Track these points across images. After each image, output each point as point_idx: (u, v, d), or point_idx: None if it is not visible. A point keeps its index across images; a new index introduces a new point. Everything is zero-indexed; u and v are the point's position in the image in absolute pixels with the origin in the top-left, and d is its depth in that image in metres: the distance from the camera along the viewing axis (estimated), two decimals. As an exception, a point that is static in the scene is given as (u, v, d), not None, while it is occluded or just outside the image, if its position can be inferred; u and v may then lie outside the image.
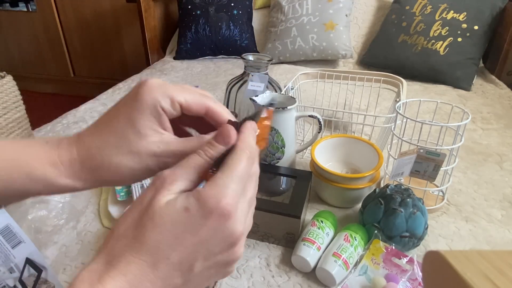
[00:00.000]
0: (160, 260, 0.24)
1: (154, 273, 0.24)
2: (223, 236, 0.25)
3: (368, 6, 1.80)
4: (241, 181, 0.26)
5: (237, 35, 1.76)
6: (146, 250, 0.24)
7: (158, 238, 0.24)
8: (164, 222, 0.24)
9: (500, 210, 0.76)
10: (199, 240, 0.25)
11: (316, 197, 0.79)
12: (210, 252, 0.25)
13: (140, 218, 0.25)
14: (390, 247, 0.61)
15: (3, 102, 0.71)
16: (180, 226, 0.24)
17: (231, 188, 0.25)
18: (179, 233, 0.24)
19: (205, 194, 0.25)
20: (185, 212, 0.24)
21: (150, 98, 0.29)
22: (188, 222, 0.24)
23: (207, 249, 0.25)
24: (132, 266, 0.24)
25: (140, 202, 0.26)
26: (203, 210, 0.24)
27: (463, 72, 1.44)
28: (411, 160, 0.71)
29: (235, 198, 0.25)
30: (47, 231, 0.70)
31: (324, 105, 1.21)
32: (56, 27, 2.41)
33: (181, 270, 0.25)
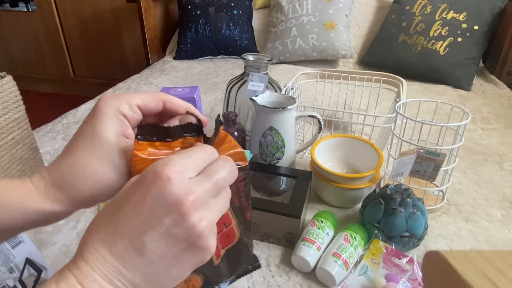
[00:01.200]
0: (110, 235, 0.24)
1: (107, 250, 0.24)
2: (166, 203, 0.24)
3: (368, 6, 1.80)
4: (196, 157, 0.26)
5: (237, 35, 1.76)
6: (98, 229, 0.25)
7: (107, 214, 0.25)
8: (115, 199, 0.26)
9: (500, 210, 0.76)
10: (141, 209, 0.24)
11: (316, 197, 0.79)
12: (159, 224, 0.24)
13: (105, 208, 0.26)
14: (390, 247, 0.61)
15: (3, 102, 0.71)
16: (125, 198, 0.25)
17: (177, 159, 0.25)
18: (123, 205, 0.25)
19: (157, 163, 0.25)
20: (131, 184, 0.25)
21: (109, 107, 0.30)
22: (131, 193, 0.25)
23: (153, 219, 0.24)
24: (89, 246, 0.24)
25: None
26: (143, 177, 0.25)
27: (463, 72, 1.44)
28: (411, 160, 0.71)
29: (179, 166, 0.24)
30: (47, 231, 0.70)
31: (324, 105, 1.21)
32: (56, 27, 2.41)
33: (134, 247, 0.24)
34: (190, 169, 0.25)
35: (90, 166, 0.29)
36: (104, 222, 0.25)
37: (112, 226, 0.24)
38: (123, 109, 0.30)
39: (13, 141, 0.74)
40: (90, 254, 0.24)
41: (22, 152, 0.77)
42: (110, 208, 0.25)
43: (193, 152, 0.27)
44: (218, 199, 0.27)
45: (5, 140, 0.72)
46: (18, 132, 0.75)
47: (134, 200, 0.24)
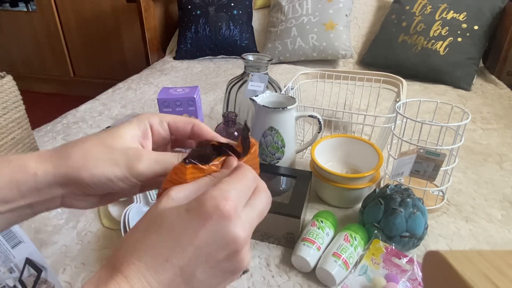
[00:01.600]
0: (160, 263, 0.24)
1: (154, 277, 0.24)
2: (224, 241, 0.24)
3: (368, 6, 1.80)
4: (245, 187, 0.26)
5: (237, 35, 1.76)
6: (145, 252, 0.24)
7: (157, 239, 0.24)
8: (165, 224, 0.24)
9: (500, 210, 0.76)
10: (199, 243, 0.24)
11: (316, 197, 0.79)
12: (213, 258, 0.25)
13: (145, 222, 0.26)
14: (390, 247, 0.61)
15: (3, 102, 0.71)
16: (180, 228, 0.24)
17: (233, 191, 0.25)
18: (179, 235, 0.24)
19: (205, 195, 0.25)
20: (186, 213, 0.24)
21: (142, 116, 0.32)
22: (187, 224, 0.24)
23: (209, 254, 0.25)
24: (133, 268, 0.24)
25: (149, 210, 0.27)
26: (202, 210, 0.24)
27: (463, 72, 1.44)
28: (411, 160, 0.71)
29: (236, 201, 0.25)
30: (47, 231, 0.70)
31: (324, 105, 1.21)
32: (56, 27, 2.41)
33: (183, 277, 0.24)
34: (242, 202, 0.26)
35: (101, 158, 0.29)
36: (151, 246, 0.24)
37: (163, 253, 0.24)
38: (153, 120, 0.33)
39: (13, 141, 0.74)
40: (133, 277, 0.23)
41: (22, 152, 0.77)
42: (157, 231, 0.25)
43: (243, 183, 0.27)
44: None
45: (5, 140, 0.72)
46: (18, 132, 0.75)
47: (191, 232, 0.24)
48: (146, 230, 0.25)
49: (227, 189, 0.25)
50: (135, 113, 1.20)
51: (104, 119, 1.17)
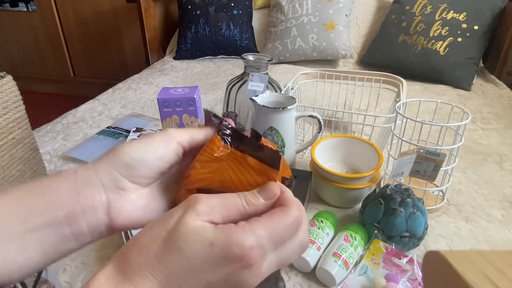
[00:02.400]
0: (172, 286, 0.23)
1: None
2: (237, 284, 0.24)
3: (368, 6, 1.80)
4: (281, 236, 0.25)
5: (237, 35, 1.76)
6: (162, 271, 0.23)
7: (176, 263, 0.23)
8: (186, 249, 0.23)
9: (500, 210, 0.76)
10: (213, 280, 0.24)
11: (316, 197, 0.79)
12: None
13: (165, 236, 0.24)
14: (390, 247, 0.61)
15: (3, 102, 0.71)
16: (200, 259, 0.23)
17: (265, 240, 0.24)
18: (197, 265, 0.23)
19: (234, 236, 0.23)
20: (209, 246, 0.23)
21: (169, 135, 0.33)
22: (208, 258, 0.23)
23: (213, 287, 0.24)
24: (147, 282, 0.23)
25: (169, 217, 0.25)
26: (228, 253, 0.23)
27: (463, 72, 1.44)
28: (411, 160, 0.71)
29: (265, 250, 0.24)
30: (47, 231, 0.70)
31: (324, 105, 1.21)
32: (56, 27, 2.41)
33: None
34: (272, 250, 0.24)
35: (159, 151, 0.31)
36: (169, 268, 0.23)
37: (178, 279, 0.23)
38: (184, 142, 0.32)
39: (13, 141, 0.74)
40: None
41: (22, 152, 0.77)
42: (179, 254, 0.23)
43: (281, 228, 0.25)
44: None
45: (5, 140, 0.72)
46: (18, 132, 0.75)
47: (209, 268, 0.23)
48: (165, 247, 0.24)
49: (260, 236, 0.23)
50: (135, 113, 1.20)
51: (104, 119, 1.17)
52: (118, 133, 1.05)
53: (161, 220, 0.25)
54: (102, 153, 1.05)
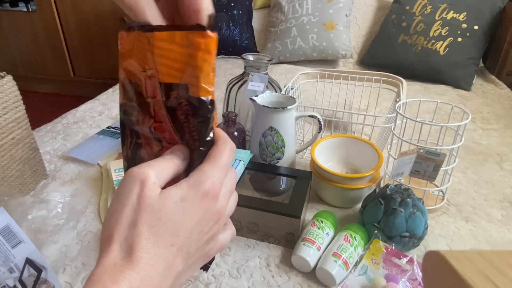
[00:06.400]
0: (165, 249, 0.26)
1: (160, 263, 0.25)
2: (211, 215, 0.28)
3: (368, 6, 1.80)
4: (224, 171, 0.29)
5: (237, 35, 1.76)
6: (152, 244, 0.25)
7: (161, 231, 0.26)
8: (164, 215, 0.26)
9: (500, 210, 0.76)
10: (195, 222, 0.27)
11: (316, 197, 0.79)
12: (202, 232, 0.28)
13: (136, 215, 0.26)
14: (390, 247, 0.61)
15: (3, 102, 0.71)
16: (180, 214, 0.26)
17: (217, 175, 0.28)
18: (179, 220, 0.26)
19: (197, 180, 0.27)
20: (181, 201, 0.27)
21: None
22: (186, 209, 0.27)
23: (200, 229, 0.28)
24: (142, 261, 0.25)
25: (127, 200, 0.26)
26: (197, 194, 0.27)
27: (463, 72, 1.44)
28: (411, 160, 0.71)
29: (220, 183, 0.29)
30: (47, 231, 0.70)
31: (324, 105, 1.21)
32: (56, 27, 2.41)
33: (181, 255, 0.27)
34: (223, 175, 0.29)
35: None
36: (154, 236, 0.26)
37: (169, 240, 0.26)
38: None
39: (13, 141, 0.74)
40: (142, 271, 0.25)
41: (22, 152, 0.77)
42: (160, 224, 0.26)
43: (224, 163, 0.29)
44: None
45: (5, 140, 0.72)
46: (18, 132, 0.75)
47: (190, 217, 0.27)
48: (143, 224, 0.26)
49: (213, 173, 0.28)
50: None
51: (104, 119, 1.17)
52: (118, 133, 1.05)
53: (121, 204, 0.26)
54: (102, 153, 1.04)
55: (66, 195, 0.80)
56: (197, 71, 0.28)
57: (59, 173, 0.88)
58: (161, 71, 0.29)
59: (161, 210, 0.26)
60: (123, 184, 0.27)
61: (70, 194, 0.81)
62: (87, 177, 0.87)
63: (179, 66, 0.28)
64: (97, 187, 0.83)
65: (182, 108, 0.30)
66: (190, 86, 0.29)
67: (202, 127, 0.30)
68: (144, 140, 0.33)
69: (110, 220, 0.26)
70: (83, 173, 0.89)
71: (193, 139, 0.30)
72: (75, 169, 0.90)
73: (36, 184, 0.83)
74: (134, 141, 0.34)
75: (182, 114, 0.30)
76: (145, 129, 0.33)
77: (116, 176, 0.77)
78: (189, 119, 0.30)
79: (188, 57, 0.28)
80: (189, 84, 0.29)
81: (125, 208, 0.26)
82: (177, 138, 0.31)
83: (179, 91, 0.29)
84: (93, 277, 0.24)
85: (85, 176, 0.87)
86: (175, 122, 0.31)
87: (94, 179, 0.86)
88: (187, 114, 0.30)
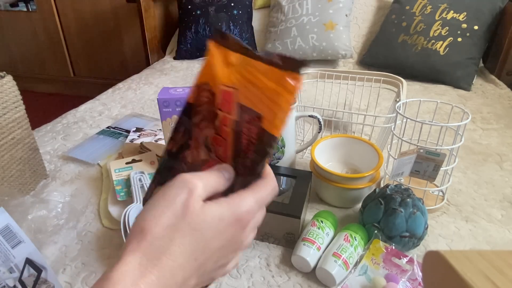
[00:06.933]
0: (189, 262, 0.27)
1: (180, 274, 0.26)
2: (234, 243, 0.29)
3: (368, 6, 1.80)
4: (261, 206, 0.31)
5: (237, 35, 1.76)
6: (180, 253, 0.26)
7: (192, 242, 0.27)
8: (200, 228, 0.27)
9: (500, 210, 0.76)
10: (221, 244, 0.28)
11: (316, 197, 0.79)
12: (222, 255, 0.29)
13: (177, 221, 0.26)
14: (390, 247, 0.61)
15: (3, 102, 0.71)
16: (212, 232, 0.27)
17: (254, 207, 0.30)
18: (209, 239, 0.27)
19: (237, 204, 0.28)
20: (219, 221, 0.27)
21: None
22: (219, 229, 0.28)
23: (222, 253, 0.29)
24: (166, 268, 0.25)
25: (172, 202, 0.27)
26: (232, 218, 0.28)
27: (463, 72, 1.44)
28: (411, 160, 0.71)
29: (254, 216, 0.30)
30: (47, 231, 0.70)
31: (324, 105, 1.21)
32: (56, 27, 2.41)
33: (198, 272, 0.28)
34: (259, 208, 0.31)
35: None
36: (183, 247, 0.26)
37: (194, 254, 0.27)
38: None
39: (13, 141, 0.74)
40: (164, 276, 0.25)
41: (22, 152, 0.77)
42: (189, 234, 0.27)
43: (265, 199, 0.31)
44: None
45: (5, 140, 0.73)
46: (18, 132, 0.75)
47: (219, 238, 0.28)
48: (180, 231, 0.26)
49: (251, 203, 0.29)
50: (135, 113, 1.20)
51: (104, 119, 1.17)
52: (118, 133, 1.05)
53: (166, 206, 0.27)
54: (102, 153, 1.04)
55: (66, 195, 0.80)
56: (276, 108, 0.29)
57: (59, 173, 0.88)
58: (244, 93, 0.30)
59: (199, 223, 0.27)
60: (171, 185, 0.28)
61: (70, 194, 0.81)
62: (87, 177, 0.87)
63: (262, 97, 0.29)
64: (97, 187, 0.83)
65: (248, 134, 0.30)
66: (265, 119, 0.29)
67: (258, 159, 0.30)
68: (194, 144, 0.34)
69: (148, 214, 0.27)
70: (83, 173, 0.89)
71: (245, 166, 0.31)
72: (75, 169, 0.90)
73: (36, 184, 0.83)
74: (185, 140, 0.34)
75: (246, 140, 0.31)
76: (201, 135, 0.33)
77: (116, 176, 0.77)
78: (249, 147, 0.31)
79: (273, 92, 0.28)
80: (264, 116, 0.29)
81: (167, 210, 0.27)
82: (229, 157, 0.32)
83: (253, 118, 0.30)
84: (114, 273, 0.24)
85: (85, 176, 0.87)
86: (235, 143, 0.31)
87: (94, 179, 0.86)
88: (250, 142, 0.30)
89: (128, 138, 0.99)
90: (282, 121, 0.29)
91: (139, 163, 0.81)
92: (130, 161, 0.81)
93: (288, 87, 0.28)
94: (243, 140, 0.31)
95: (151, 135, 1.01)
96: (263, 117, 0.29)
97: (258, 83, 0.29)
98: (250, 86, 0.29)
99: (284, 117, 0.29)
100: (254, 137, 0.30)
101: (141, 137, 0.99)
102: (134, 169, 0.79)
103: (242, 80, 0.30)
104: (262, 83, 0.29)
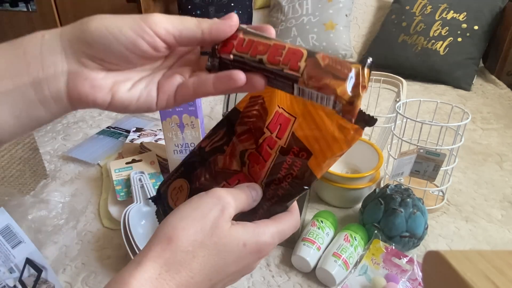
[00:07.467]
0: (205, 281, 0.27)
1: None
2: (247, 268, 0.30)
3: (368, 6, 1.80)
4: (281, 240, 0.31)
5: (237, 35, 1.76)
6: (199, 270, 0.26)
7: (213, 264, 0.27)
8: (224, 250, 0.27)
9: (500, 210, 0.76)
10: (237, 269, 0.29)
11: (316, 197, 0.79)
12: (232, 278, 0.30)
13: (204, 238, 0.27)
14: (390, 247, 0.61)
15: (3, 102, 0.71)
16: (233, 257, 0.28)
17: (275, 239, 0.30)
18: (230, 262, 0.28)
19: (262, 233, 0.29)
20: (243, 246, 0.28)
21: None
22: (240, 255, 0.28)
23: (234, 276, 0.29)
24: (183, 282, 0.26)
25: (203, 217, 0.27)
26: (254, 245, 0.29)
27: (463, 72, 1.44)
28: (411, 160, 0.71)
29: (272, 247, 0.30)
30: (47, 231, 0.70)
31: (324, 105, 1.21)
32: (56, 27, 2.40)
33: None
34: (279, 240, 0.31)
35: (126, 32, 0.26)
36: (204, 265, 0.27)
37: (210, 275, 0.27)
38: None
39: (13, 141, 0.74)
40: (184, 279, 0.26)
41: (22, 152, 0.77)
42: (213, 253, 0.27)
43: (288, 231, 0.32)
44: None
45: (5, 140, 0.72)
46: (18, 132, 0.75)
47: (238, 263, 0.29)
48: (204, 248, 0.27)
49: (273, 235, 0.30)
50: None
51: (104, 119, 1.17)
52: (118, 133, 1.05)
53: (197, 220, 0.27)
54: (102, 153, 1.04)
55: (66, 195, 0.80)
56: (329, 153, 0.28)
57: (59, 173, 0.88)
58: (301, 125, 0.29)
59: (225, 244, 0.27)
60: (205, 198, 0.28)
61: (70, 194, 0.81)
62: (87, 177, 0.87)
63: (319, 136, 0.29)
64: (97, 187, 0.83)
65: (291, 165, 0.30)
66: (314, 158, 0.29)
67: (290, 194, 0.30)
68: (230, 151, 0.34)
69: (178, 223, 0.27)
70: (83, 173, 0.89)
71: (275, 195, 0.31)
72: (75, 169, 0.90)
73: (36, 184, 0.83)
74: (221, 144, 0.34)
75: (286, 170, 0.30)
76: (240, 146, 0.33)
77: (116, 176, 0.77)
78: (286, 179, 0.30)
79: (332, 137, 0.28)
80: (314, 156, 0.29)
81: (198, 224, 0.27)
82: (261, 178, 0.32)
83: (301, 152, 0.29)
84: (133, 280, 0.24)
85: (85, 176, 0.87)
86: (273, 168, 0.31)
87: (94, 179, 0.86)
88: (289, 174, 0.30)
89: (128, 138, 0.99)
90: (328, 166, 0.29)
91: (139, 163, 0.81)
92: (130, 161, 0.81)
93: (348, 137, 0.27)
94: (283, 169, 0.30)
95: (151, 135, 1.01)
96: (312, 156, 0.29)
97: (319, 122, 0.28)
98: (310, 121, 0.29)
99: (332, 163, 0.29)
100: (296, 170, 0.30)
101: (141, 137, 0.99)
102: (134, 169, 0.79)
103: (304, 111, 0.29)
104: (323, 123, 0.28)
